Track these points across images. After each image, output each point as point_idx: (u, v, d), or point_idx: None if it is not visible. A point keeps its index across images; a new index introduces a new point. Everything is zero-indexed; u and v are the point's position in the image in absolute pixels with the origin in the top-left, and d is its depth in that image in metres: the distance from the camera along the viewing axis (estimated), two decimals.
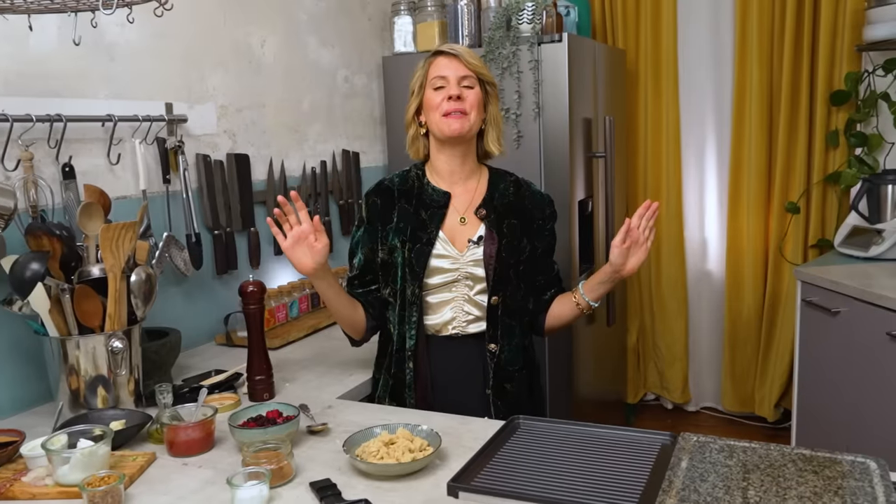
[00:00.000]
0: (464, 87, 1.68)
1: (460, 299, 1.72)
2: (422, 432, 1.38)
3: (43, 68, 1.76)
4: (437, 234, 1.71)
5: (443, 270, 1.71)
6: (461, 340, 1.72)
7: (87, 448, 1.29)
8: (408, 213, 1.73)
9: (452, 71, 1.68)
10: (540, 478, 0.95)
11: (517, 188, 1.80)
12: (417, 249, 1.70)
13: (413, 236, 1.71)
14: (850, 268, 2.74)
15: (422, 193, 1.75)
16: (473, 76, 1.69)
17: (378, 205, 1.76)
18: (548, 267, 1.82)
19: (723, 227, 3.59)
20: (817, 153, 3.24)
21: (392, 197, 1.76)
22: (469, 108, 1.67)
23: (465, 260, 1.71)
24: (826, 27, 3.13)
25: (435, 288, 1.71)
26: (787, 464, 0.93)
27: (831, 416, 2.66)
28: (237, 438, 1.40)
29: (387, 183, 1.80)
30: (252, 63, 2.38)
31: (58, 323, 1.52)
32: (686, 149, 3.60)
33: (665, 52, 3.48)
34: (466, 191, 1.76)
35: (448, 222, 1.73)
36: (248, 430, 1.39)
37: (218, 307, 2.23)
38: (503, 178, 1.80)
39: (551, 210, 1.83)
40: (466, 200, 1.75)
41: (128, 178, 1.96)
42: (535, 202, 1.79)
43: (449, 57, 1.70)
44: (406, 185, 1.77)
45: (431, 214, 1.72)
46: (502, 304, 1.71)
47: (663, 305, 3.70)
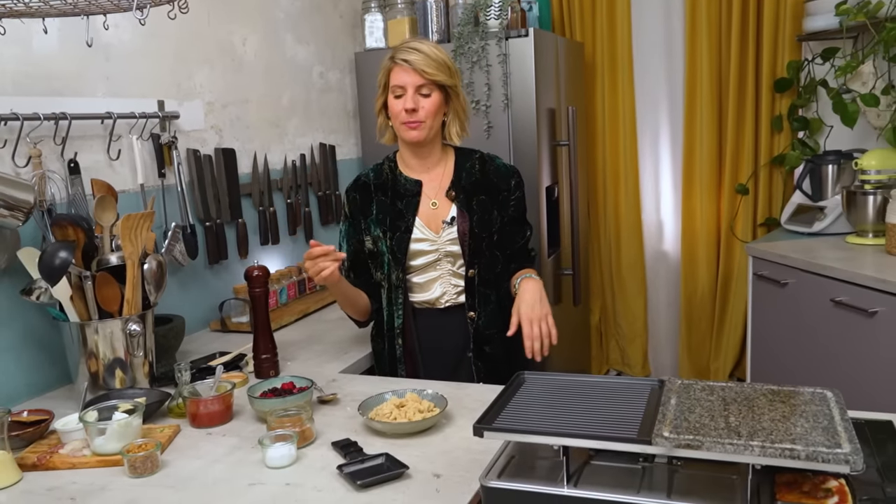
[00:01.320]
0: (421, 96, 1.77)
1: (446, 275, 1.87)
2: (428, 396, 1.52)
3: (46, 69, 1.84)
4: (414, 221, 1.85)
5: (423, 253, 1.85)
6: (445, 312, 1.88)
7: (123, 419, 1.40)
8: (385, 204, 1.87)
9: (409, 81, 1.76)
10: (551, 418, 1.09)
11: (482, 164, 1.91)
12: (397, 237, 1.84)
13: (392, 225, 1.85)
14: (795, 243, 2.96)
15: (396, 185, 1.89)
16: (431, 83, 1.77)
17: (357, 200, 1.91)
18: (516, 235, 1.94)
19: (678, 209, 3.80)
20: (763, 137, 3.47)
21: (369, 191, 1.90)
22: (425, 116, 1.78)
23: (442, 240, 1.85)
24: (769, 18, 3.34)
25: (420, 269, 1.86)
26: (759, 396, 1.10)
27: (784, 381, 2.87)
28: (257, 408, 1.52)
29: (363, 179, 1.93)
30: (235, 60, 2.47)
31: (79, 309, 1.61)
32: (642, 136, 3.79)
33: (620, 44, 3.66)
34: (434, 177, 1.89)
35: (422, 208, 1.86)
36: (268, 400, 1.50)
37: (211, 295, 2.33)
38: (469, 158, 1.92)
39: (517, 180, 1.93)
40: (436, 185, 1.88)
41: (126, 172, 2.05)
42: (499, 175, 1.91)
43: (404, 67, 1.76)
44: (381, 179, 1.91)
45: (406, 203, 1.86)
46: (478, 275, 1.86)
47: (623, 286, 3.89)
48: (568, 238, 3.25)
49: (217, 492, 1.26)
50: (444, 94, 1.80)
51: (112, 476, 1.34)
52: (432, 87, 1.77)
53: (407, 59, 1.75)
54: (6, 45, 1.73)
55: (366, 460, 1.29)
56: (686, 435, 0.98)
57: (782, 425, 0.99)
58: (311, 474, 1.29)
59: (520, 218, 1.95)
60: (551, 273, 3.11)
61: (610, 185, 3.81)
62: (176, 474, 1.33)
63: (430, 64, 1.75)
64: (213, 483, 1.29)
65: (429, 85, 1.77)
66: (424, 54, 1.75)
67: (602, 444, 1.01)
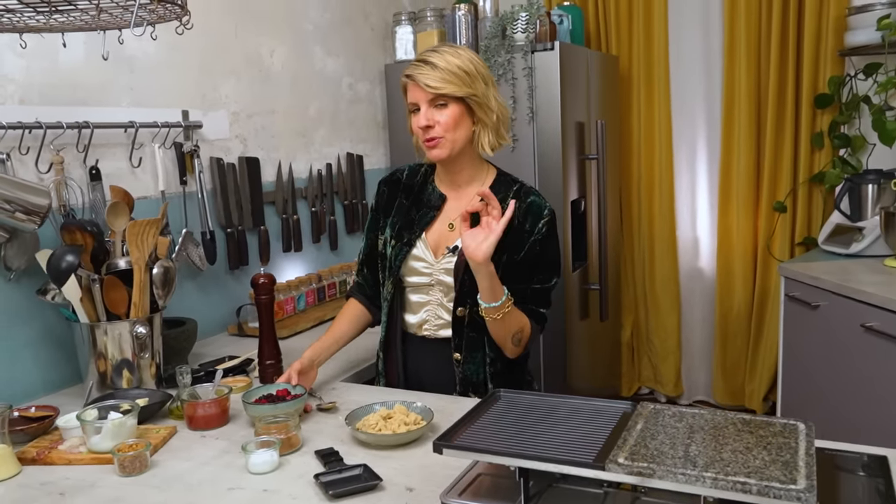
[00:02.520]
0: (437, 108, 1.61)
1: (434, 303, 1.73)
2: (416, 408, 1.53)
3: (71, 80, 1.92)
4: (419, 237, 1.72)
5: (418, 272, 1.72)
6: (432, 342, 1.74)
7: (117, 419, 1.45)
8: (403, 208, 1.77)
9: (420, 96, 1.62)
10: (513, 438, 1.09)
11: (515, 198, 1.68)
12: (397, 248, 1.73)
13: (398, 234, 1.74)
14: (831, 264, 2.87)
15: (422, 191, 1.76)
16: (441, 97, 1.60)
17: (384, 194, 1.81)
18: (517, 277, 1.66)
19: (713, 225, 3.73)
20: (803, 154, 3.38)
21: (397, 189, 1.80)
22: (443, 131, 1.62)
23: (438, 267, 1.70)
24: (810, 33, 3.26)
25: (413, 287, 1.75)
26: (728, 426, 1.07)
27: (813, 407, 2.79)
28: (249, 413, 1.55)
29: (398, 174, 1.82)
30: (262, 72, 2.54)
31: (88, 310, 1.68)
32: (678, 151, 3.74)
33: (657, 58, 3.62)
34: (463, 195, 1.73)
35: (435, 226, 1.73)
36: (259, 406, 1.54)
37: (230, 300, 2.39)
38: (507, 187, 1.72)
39: (546, 228, 1.68)
40: (461, 206, 1.69)
41: (148, 179, 2.12)
42: (528, 214, 1.68)
43: (412, 83, 1.63)
44: (412, 180, 1.79)
45: (422, 215, 1.74)
46: (468, 316, 1.67)
47: (657, 302, 3.84)
48: (595, 252, 3.22)
49: (198, 494, 1.29)
50: (464, 104, 1.62)
51: (103, 473, 1.39)
52: (446, 98, 1.61)
53: (410, 73, 1.63)
54: (34, 59, 1.82)
55: (343, 470, 1.31)
56: (640, 462, 0.97)
57: (742, 457, 0.97)
58: (290, 482, 1.32)
59: (532, 263, 1.68)
60: (577, 288, 3.09)
61: (644, 200, 3.77)
62: (163, 474, 1.37)
63: (436, 76, 1.59)
64: (197, 485, 1.33)
65: (440, 98, 1.61)
66: (432, 65, 1.60)
67: (555, 468, 1.01)
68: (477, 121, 1.66)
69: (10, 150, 1.74)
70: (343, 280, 2.69)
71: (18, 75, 1.80)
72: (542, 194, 1.74)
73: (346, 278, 2.71)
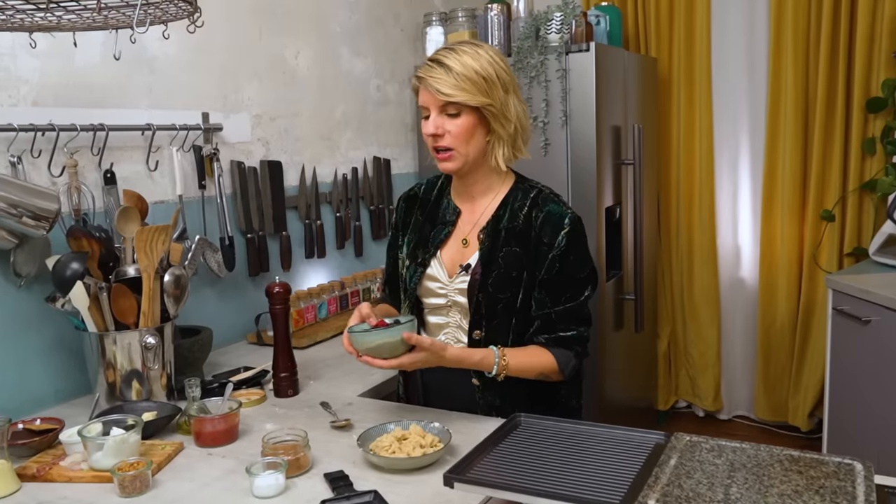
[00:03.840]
0: (448, 116, 1.49)
1: (453, 325, 1.63)
2: (433, 429, 1.43)
3: (87, 81, 1.87)
4: (434, 255, 1.62)
5: (434, 293, 1.62)
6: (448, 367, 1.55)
7: (119, 436, 1.38)
8: (418, 225, 1.67)
9: (430, 101, 1.49)
10: (533, 471, 0.99)
11: (532, 208, 1.56)
12: (412, 268, 1.64)
13: (412, 253, 1.64)
14: (884, 276, 2.71)
15: (438, 206, 1.66)
16: (451, 104, 1.47)
17: (402, 210, 1.73)
18: (540, 300, 1.55)
19: (756, 234, 3.57)
20: (853, 160, 3.21)
21: (414, 205, 1.70)
22: (453, 142, 1.49)
23: (452, 287, 1.59)
24: (863, 34, 3.09)
25: (431, 309, 1.65)
26: (774, 464, 0.96)
27: (862, 427, 2.63)
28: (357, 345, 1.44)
29: (415, 189, 1.74)
30: (286, 74, 2.47)
31: (96, 319, 1.62)
32: (719, 156, 3.59)
33: (698, 60, 3.48)
34: (477, 208, 1.61)
35: (450, 243, 1.62)
36: (367, 333, 1.43)
37: (250, 307, 2.32)
38: (525, 195, 1.58)
39: (565, 236, 1.53)
40: (474, 220, 1.61)
41: (165, 183, 2.07)
42: (545, 225, 1.54)
43: (423, 85, 1.49)
44: (429, 194, 1.69)
45: (436, 232, 1.63)
46: (485, 341, 1.55)
47: (696, 312, 3.69)
48: (630, 261, 3.09)
49: None
50: (478, 113, 1.49)
51: (102, 493, 1.32)
52: (458, 106, 1.47)
53: (421, 75, 1.49)
54: (49, 60, 1.78)
55: (352, 497, 1.22)
56: None
57: (791, 503, 0.86)
58: None
59: (555, 282, 1.54)
60: (612, 297, 2.97)
61: (683, 207, 3.62)
62: (163, 496, 1.30)
63: (449, 82, 1.45)
64: None
65: (450, 105, 1.48)
66: (446, 69, 1.46)
67: None
68: (491, 132, 1.53)
69: (21, 152, 1.69)
70: (367, 288, 2.61)
71: (32, 76, 1.75)
72: (564, 201, 1.60)
73: (370, 286, 2.63)
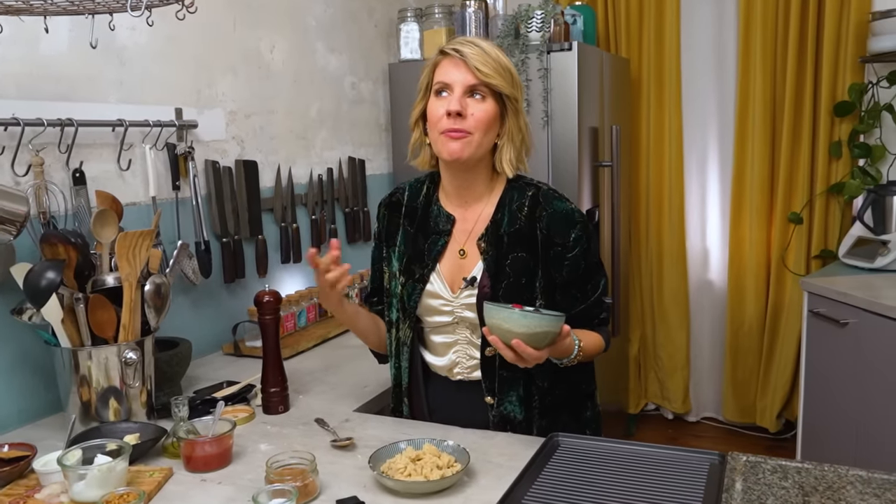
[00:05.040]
0: (471, 99, 1.40)
1: (463, 342, 1.52)
2: (448, 448, 1.35)
3: (53, 71, 1.72)
4: (433, 270, 1.50)
5: (438, 311, 1.51)
6: (460, 386, 1.53)
7: (105, 464, 1.25)
8: (408, 237, 1.54)
9: (459, 77, 1.39)
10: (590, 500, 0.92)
11: (533, 207, 1.46)
12: (409, 286, 1.51)
13: (407, 269, 1.52)
14: (855, 279, 2.73)
15: (427, 216, 1.53)
16: (486, 86, 1.39)
17: (385, 219, 1.60)
18: (572, 301, 1.48)
19: (725, 236, 3.59)
20: (820, 164, 3.24)
21: (399, 214, 1.57)
22: (474, 126, 1.39)
23: (458, 303, 1.49)
24: (830, 38, 3.13)
25: (435, 328, 1.54)
26: (846, 486, 0.91)
27: (838, 429, 2.64)
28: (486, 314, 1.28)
29: (397, 195, 1.60)
30: (261, 69, 2.34)
31: (70, 333, 1.47)
32: (689, 158, 3.60)
33: (668, 61, 3.47)
34: (471, 214, 1.50)
35: (447, 255, 1.51)
36: (532, 315, 1.25)
37: (225, 316, 2.19)
38: (521, 194, 1.49)
39: (578, 233, 1.45)
40: (469, 227, 1.50)
41: (137, 184, 1.92)
42: (554, 224, 1.45)
43: (455, 60, 1.40)
44: (414, 202, 1.56)
45: (431, 243, 1.51)
46: (499, 356, 1.42)
47: (665, 315, 3.69)
48: (608, 265, 3.06)
49: None
50: (500, 105, 1.42)
51: None
52: (487, 91, 1.40)
53: (461, 50, 1.38)
54: (11, 46, 1.62)
55: None
56: None
57: None
58: None
59: (579, 279, 1.48)
60: None
61: (653, 209, 3.62)
62: None
63: (489, 63, 1.38)
64: None
65: (482, 88, 1.39)
66: (482, 50, 1.39)
67: None
68: (505, 130, 1.45)
69: None
70: (346, 294, 2.49)
71: None
72: (565, 196, 1.51)
73: (348, 291, 2.52)
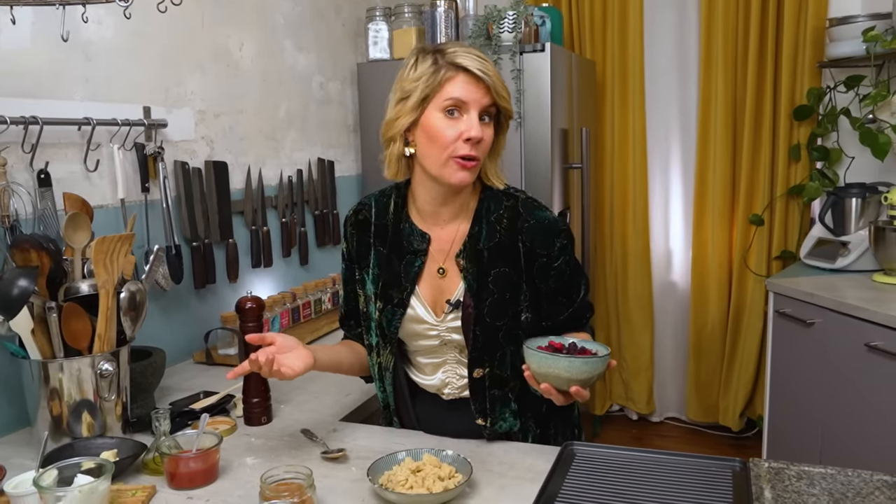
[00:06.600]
0: (483, 124, 1.32)
1: (452, 362, 1.46)
2: (448, 458, 1.30)
3: (16, 66, 1.62)
4: (412, 293, 1.42)
5: (422, 336, 1.44)
6: (452, 405, 1.48)
7: (87, 484, 1.17)
8: (381, 258, 1.45)
9: (477, 98, 1.29)
10: None
11: (513, 218, 1.39)
12: (389, 311, 1.43)
13: (384, 294, 1.43)
14: (818, 279, 2.78)
15: (398, 234, 1.43)
16: (496, 108, 1.34)
17: (354, 238, 1.49)
18: (559, 307, 1.44)
19: (688, 238, 3.63)
20: (780, 166, 3.31)
21: (368, 233, 1.47)
22: (483, 152, 1.33)
23: (443, 327, 1.42)
24: (788, 43, 3.20)
25: (421, 352, 1.47)
26: (874, 491, 0.90)
27: (802, 428, 2.69)
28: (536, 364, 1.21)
29: (364, 213, 1.48)
30: (230, 67, 2.26)
31: (41, 344, 1.38)
32: (652, 161, 3.63)
33: (632, 65, 3.50)
34: (448, 231, 1.42)
35: (426, 275, 1.42)
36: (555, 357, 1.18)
37: (196, 323, 2.11)
38: (498, 204, 1.41)
39: (562, 242, 1.40)
40: (447, 244, 1.42)
41: (105, 186, 1.83)
42: (535, 236, 1.39)
43: (474, 79, 1.29)
44: (383, 220, 1.46)
45: (407, 265, 1.42)
46: (489, 375, 1.40)
47: (629, 317, 3.71)
48: None
49: None
50: (497, 123, 1.38)
51: None
52: (493, 113, 1.34)
53: (481, 69, 1.28)
54: None
55: None
56: None
57: None
58: None
59: (564, 286, 1.43)
60: None
61: (618, 212, 3.64)
62: None
63: (501, 83, 1.32)
64: None
65: (492, 109, 1.33)
66: (494, 68, 1.32)
67: None
68: (494, 147, 1.39)
69: None
70: (318, 299, 2.44)
71: None
72: (543, 204, 1.45)
73: (320, 296, 2.45)
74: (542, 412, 1.46)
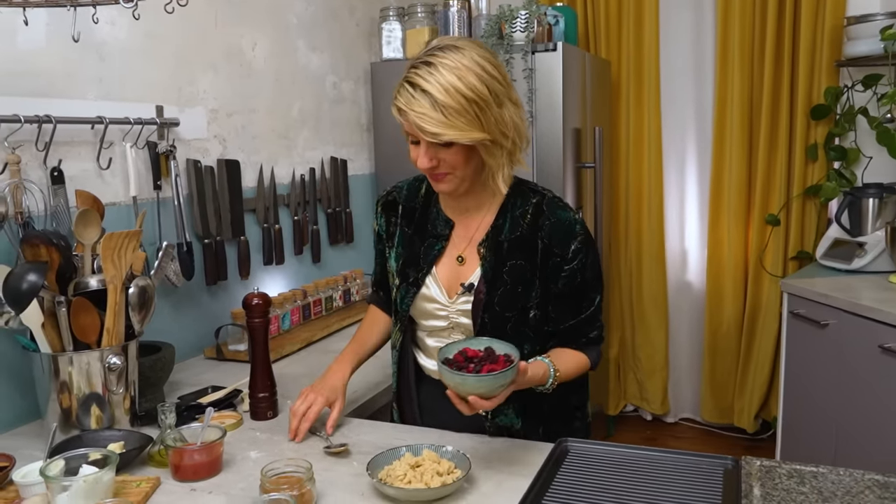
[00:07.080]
0: (440, 146, 1.31)
1: None
2: (447, 453, 1.32)
3: (31, 66, 1.66)
4: (428, 274, 1.47)
5: (432, 315, 1.48)
6: None
7: (91, 474, 1.20)
8: (405, 239, 1.51)
9: (419, 131, 1.29)
10: None
11: (536, 215, 1.42)
12: (403, 288, 1.49)
13: (402, 272, 1.49)
14: (833, 280, 2.76)
15: (425, 218, 1.50)
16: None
17: (382, 218, 1.57)
18: (561, 315, 1.45)
19: (703, 238, 3.61)
20: (797, 166, 3.28)
21: (396, 213, 1.53)
22: (451, 167, 1.34)
23: (454, 308, 1.46)
24: (806, 42, 3.17)
25: (430, 332, 1.52)
26: (864, 490, 0.90)
27: (817, 428, 2.67)
28: (448, 379, 1.22)
29: (394, 194, 1.56)
30: (243, 66, 2.29)
31: (51, 338, 1.41)
32: (667, 160, 3.61)
33: (647, 64, 3.48)
34: (472, 221, 1.46)
35: (444, 260, 1.47)
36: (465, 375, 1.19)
37: (207, 319, 2.13)
38: (525, 200, 1.44)
39: (578, 246, 1.40)
40: (469, 234, 1.46)
41: (117, 183, 1.86)
42: (554, 234, 1.41)
43: (405, 119, 1.29)
44: (412, 203, 1.52)
45: (428, 248, 1.48)
46: None
47: (644, 317, 3.70)
48: None
49: None
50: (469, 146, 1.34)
51: None
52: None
53: (401, 107, 1.28)
54: None
55: None
56: None
57: None
58: None
59: (575, 291, 1.43)
60: None
61: (633, 211, 3.62)
62: None
63: (436, 119, 1.25)
64: None
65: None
66: (430, 98, 1.25)
67: None
68: (490, 158, 1.35)
69: None
70: (329, 296, 2.46)
71: None
72: (570, 206, 1.47)
73: (332, 294, 2.48)
74: (545, 411, 1.47)
